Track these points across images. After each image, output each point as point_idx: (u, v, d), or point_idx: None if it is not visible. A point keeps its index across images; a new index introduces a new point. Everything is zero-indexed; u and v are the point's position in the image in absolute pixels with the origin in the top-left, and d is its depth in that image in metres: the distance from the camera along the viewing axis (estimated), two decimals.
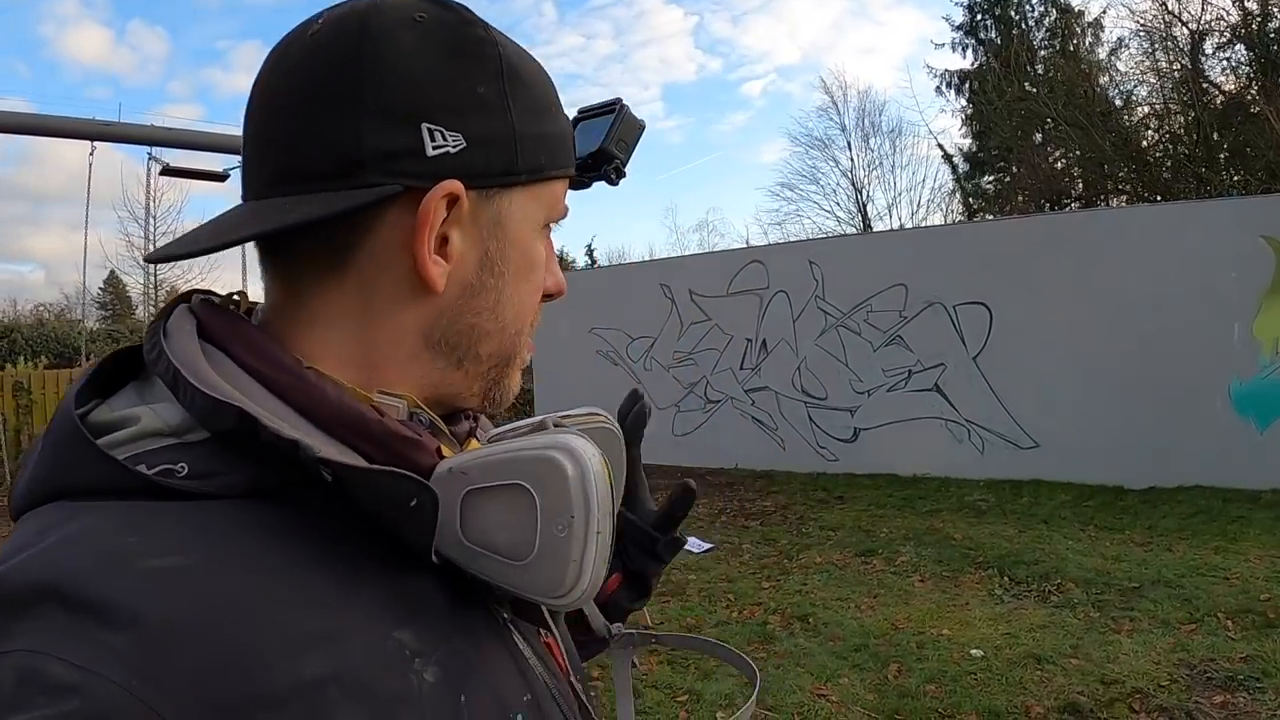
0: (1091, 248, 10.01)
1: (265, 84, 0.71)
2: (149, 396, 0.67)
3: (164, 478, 0.60)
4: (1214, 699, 4.56)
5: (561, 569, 0.65)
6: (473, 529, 0.66)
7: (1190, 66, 19.67)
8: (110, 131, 6.44)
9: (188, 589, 0.54)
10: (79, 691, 0.48)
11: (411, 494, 0.63)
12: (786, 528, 9.21)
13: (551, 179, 0.77)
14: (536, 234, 0.78)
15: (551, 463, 0.66)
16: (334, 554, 0.62)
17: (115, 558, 0.54)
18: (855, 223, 29.51)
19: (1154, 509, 8.73)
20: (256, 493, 0.62)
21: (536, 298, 0.81)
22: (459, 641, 0.67)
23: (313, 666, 0.55)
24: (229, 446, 0.62)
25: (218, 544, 0.58)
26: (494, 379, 0.80)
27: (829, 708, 4.73)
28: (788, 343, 12.51)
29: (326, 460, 0.60)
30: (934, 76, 27.75)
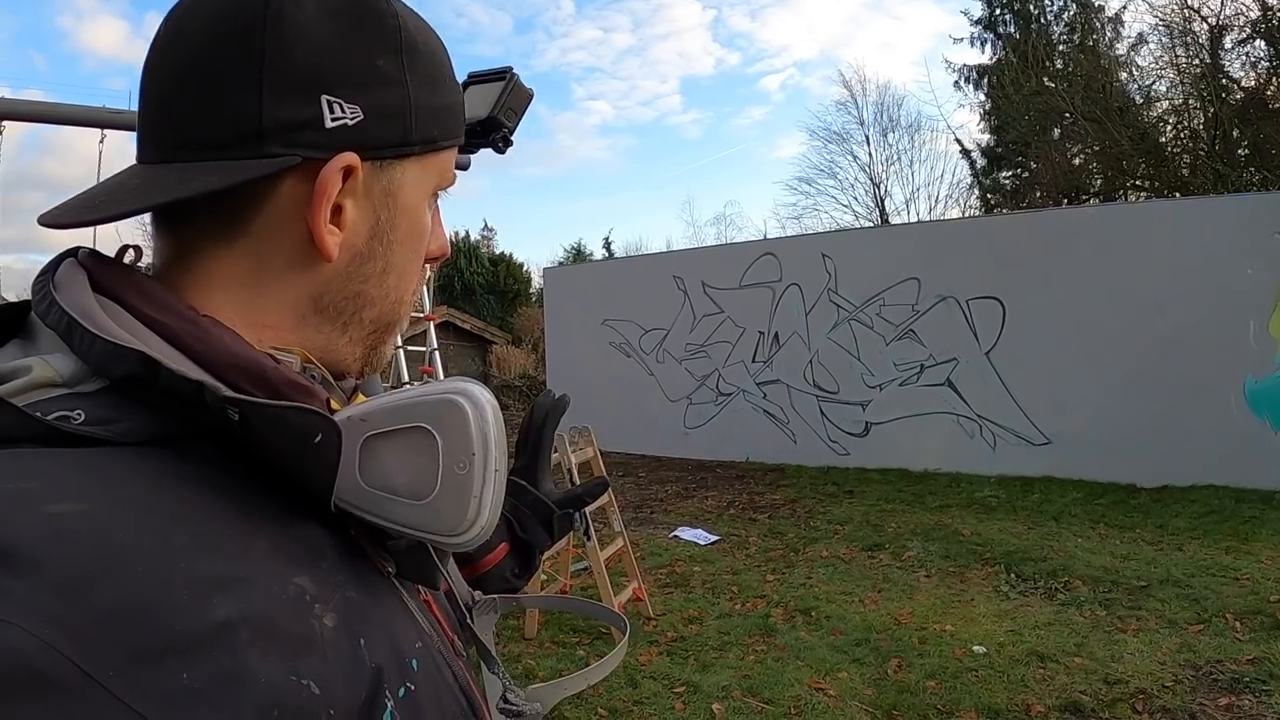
0: (1106, 243, 9.93)
1: (165, 45, 0.71)
2: (34, 350, 0.65)
3: (60, 423, 0.59)
4: (1219, 701, 4.50)
5: (464, 505, 0.68)
6: (372, 473, 0.67)
7: (1210, 62, 19.50)
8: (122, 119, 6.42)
9: (92, 534, 0.52)
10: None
11: (317, 429, 0.65)
12: (794, 521, 9.18)
13: (443, 149, 0.80)
14: (425, 202, 0.80)
15: (453, 404, 0.68)
16: (233, 502, 0.62)
17: (15, 504, 0.52)
18: (873, 217, 29.43)
19: (1166, 508, 8.66)
20: (154, 440, 0.61)
21: (419, 264, 0.83)
22: (353, 590, 0.67)
23: (223, 609, 0.54)
24: (126, 393, 0.61)
25: (117, 489, 0.56)
26: (373, 344, 0.82)
27: (826, 701, 4.69)
28: (800, 336, 12.46)
29: (233, 399, 0.61)
30: (952, 71, 27.64)
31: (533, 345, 25.11)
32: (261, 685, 0.53)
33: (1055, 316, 10.20)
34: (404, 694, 0.65)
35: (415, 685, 0.68)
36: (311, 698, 0.56)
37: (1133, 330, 9.71)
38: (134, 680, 0.48)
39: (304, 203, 0.69)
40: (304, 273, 0.73)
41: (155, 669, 0.49)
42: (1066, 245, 10.18)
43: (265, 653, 0.54)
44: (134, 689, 0.48)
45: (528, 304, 30.62)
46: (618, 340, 14.47)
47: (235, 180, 0.65)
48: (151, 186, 0.68)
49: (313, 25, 0.68)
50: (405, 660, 0.68)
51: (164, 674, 0.49)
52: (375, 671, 0.63)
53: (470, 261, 31.16)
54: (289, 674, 0.55)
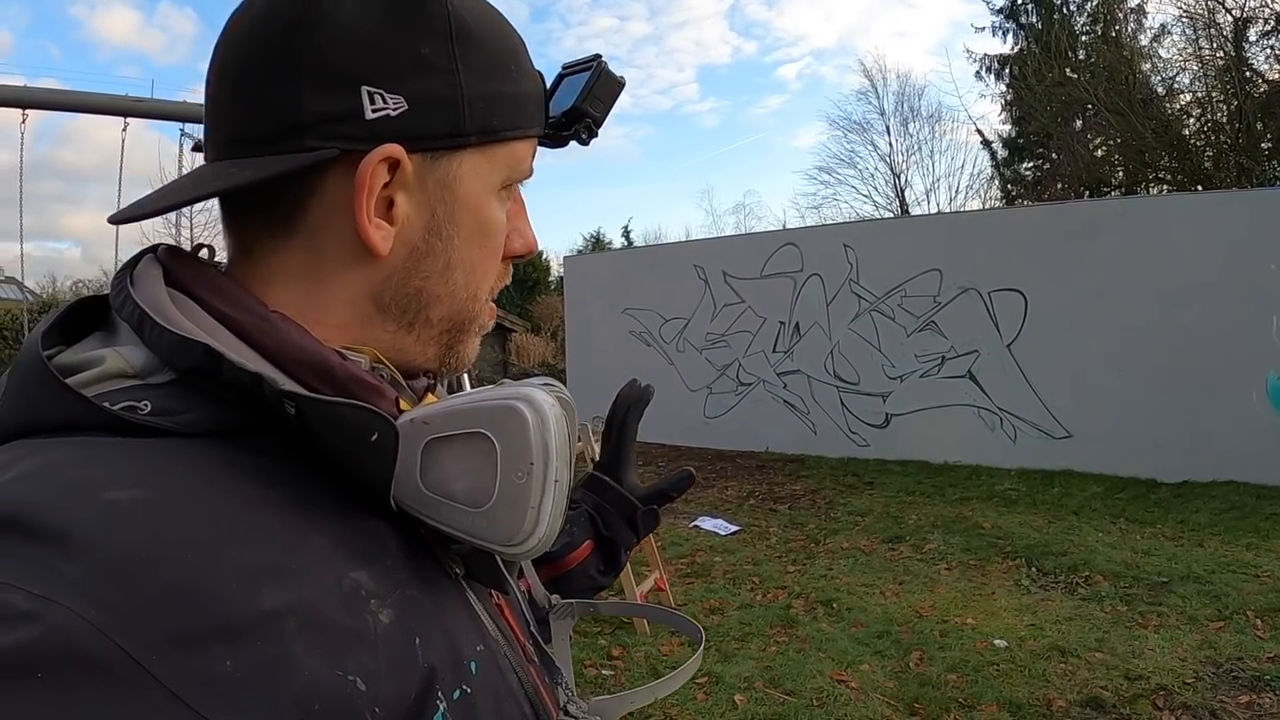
0: (1129, 236, 9.89)
1: (220, 49, 0.72)
2: (113, 342, 0.67)
3: (127, 414, 0.60)
4: (1239, 699, 4.52)
5: (520, 515, 0.67)
6: (432, 477, 0.68)
7: (1233, 54, 19.36)
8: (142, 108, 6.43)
9: (145, 521, 0.53)
10: (37, 619, 0.47)
11: (373, 427, 0.64)
12: (815, 512, 9.21)
13: (509, 139, 0.77)
14: (492, 195, 0.78)
15: (513, 410, 0.68)
16: (292, 495, 0.63)
17: (75, 489, 0.54)
18: (893, 208, 29.33)
19: (1186, 503, 8.64)
20: (218, 432, 0.62)
21: (493, 261, 0.81)
22: (414, 588, 0.67)
23: (270, 599, 0.54)
24: (193, 386, 0.63)
25: (176, 478, 0.58)
26: (447, 344, 0.81)
27: (848, 694, 4.73)
28: (821, 326, 12.46)
29: (290, 393, 0.61)
30: (973, 61, 27.46)
31: (552, 333, 25.19)
32: (305, 677, 0.53)
33: (1077, 309, 10.17)
34: (459, 696, 0.65)
35: (472, 689, 0.67)
36: (356, 694, 0.56)
37: (1155, 324, 9.67)
38: (177, 665, 0.49)
39: (350, 197, 0.69)
40: (360, 269, 0.73)
41: (198, 655, 0.50)
42: (1089, 238, 10.15)
43: (312, 645, 0.55)
44: (176, 673, 0.49)
45: (547, 292, 30.68)
46: (638, 329, 14.49)
47: (269, 173, 0.66)
48: (204, 181, 0.70)
49: (352, 16, 0.68)
50: (463, 663, 0.68)
51: (207, 660, 0.50)
52: (428, 671, 0.63)
53: None
54: (335, 668, 0.56)
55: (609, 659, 5.28)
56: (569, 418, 0.79)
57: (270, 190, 0.69)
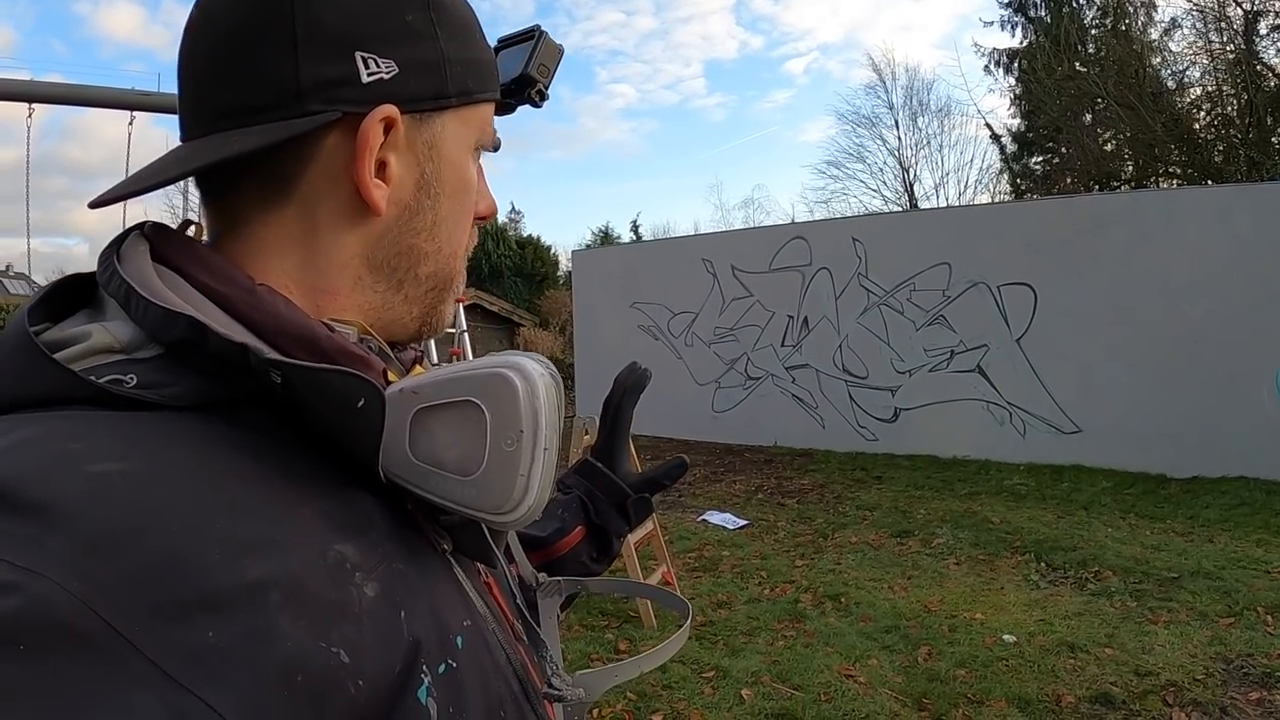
0: (1139, 230, 9.86)
1: (198, 22, 0.73)
2: (100, 319, 0.67)
3: (113, 386, 0.61)
4: (1250, 695, 4.50)
5: (510, 483, 0.67)
6: (421, 447, 0.68)
7: (1244, 48, 19.29)
8: (148, 101, 6.45)
9: (128, 493, 0.54)
10: (20, 590, 0.47)
11: (359, 394, 0.64)
12: (823, 506, 9.20)
13: (480, 102, 0.81)
14: (468, 156, 0.82)
15: (502, 378, 0.68)
16: (278, 468, 0.63)
17: (59, 462, 0.54)
18: (902, 202, 29.33)
19: (1196, 499, 8.62)
20: (204, 405, 0.63)
21: (469, 219, 0.85)
22: (401, 562, 0.67)
23: (253, 570, 0.54)
24: (179, 359, 0.63)
25: (160, 451, 0.58)
26: (431, 303, 0.83)
27: (856, 688, 4.72)
28: (829, 320, 12.44)
29: (275, 361, 0.62)
30: (982, 55, 27.39)
31: (560, 328, 25.20)
32: (288, 649, 0.54)
33: (1087, 304, 10.14)
34: (444, 670, 0.65)
35: (458, 663, 0.68)
36: (340, 665, 0.56)
37: (1164, 319, 9.64)
38: (159, 635, 0.49)
39: (349, 158, 0.71)
40: (354, 230, 0.75)
41: (181, 625, 0.50)
42: (1099, 232, 10.12)
43: (295, 617, 0.55)
44: (159, 644, 0.49)
45: (555, 286, 30.69)
46: (646, 323, 14.49)
47: (280, 137, 0.68)
48: (195, 155, 0.71)
49: None
50: (450, 637, 0.68)
51: (189, 631, 0.50)
52: (412, 645, 0.63)
53: (498, 244, 31.26)
54: (318, 639, 0.56)
55: (616, 653, 5.27)
56: (558, 388, 0.78)
57: (265, 159, 0.70)
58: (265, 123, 0.69)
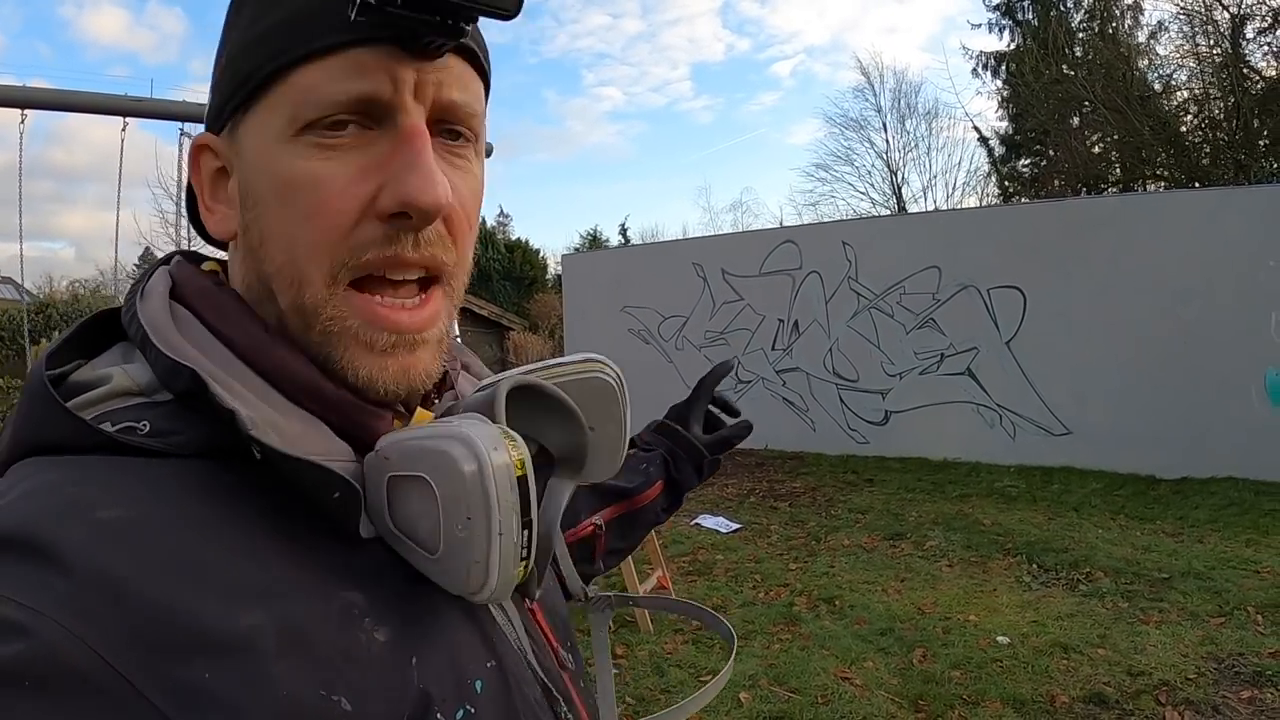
0: (1127, 233, 9.92)
1: None
2: (131, 356, 0.69)
3: (125, 435, 0.61)
4: (1241, 694, 4.54)
5: (465, 569, 0.62)
6: (399, 515, 0.65)
7: (1231, 51, 19.41)
8: (142, 107, 6.43)
9: (133, 539, 0.55)
10: (25, 630, 0.49)
11: (334, 487, 0.62)
12: (815, 509, 9.22)
13: (276, 76, 0.66)
14: (282, 145, 0.66)
15: (446, 457, 0.61)
16: (283, 516, 0.63)
17: (68, 508, 0.56)
18: (890, 205, 29.38)
19: (1185, 500, 8.67)
20: (212, 453, 0.63)
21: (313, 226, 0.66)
22: (415, 606, 0.66)
23: (250, 617, 0.55)
24: (189, 407, 0.63)
25: (166, 498, 0.59)
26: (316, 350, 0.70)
27: (852, 691, 4.75)
28: (820, 324, 12.48)
29: (256, 439, 0.60)
30: (970, 58, 27.56)
31: (549, 331, 25.20)
32: (283, 696, 0.54)
33: (1076, 306, 10.20)
34: (461, 715, 0.65)
35: (476, 708, 0.66)
36: (340, 713, 0.57)
37: (1153, 321, 9.69)
38: (158, 678, 0.51)
39: None
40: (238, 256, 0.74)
41: (179, 669, 0.52)
42: (1088, 235, 10.17)
43: (294, 664, 0.56)
44: (157, 686, 0.51)
45: (544, 290, 30.71)
46: (636, 327, 14.49)
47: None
48: None
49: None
50: (467, 682, 0.67)
51: (187, 674, 0.52)
52: (424, 692, 0.63)
53: (486, 248, 31.24)
54: (318, 687, 0.56)
55: (614, 657, 5.29)
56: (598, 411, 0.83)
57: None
58: None
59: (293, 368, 0.68)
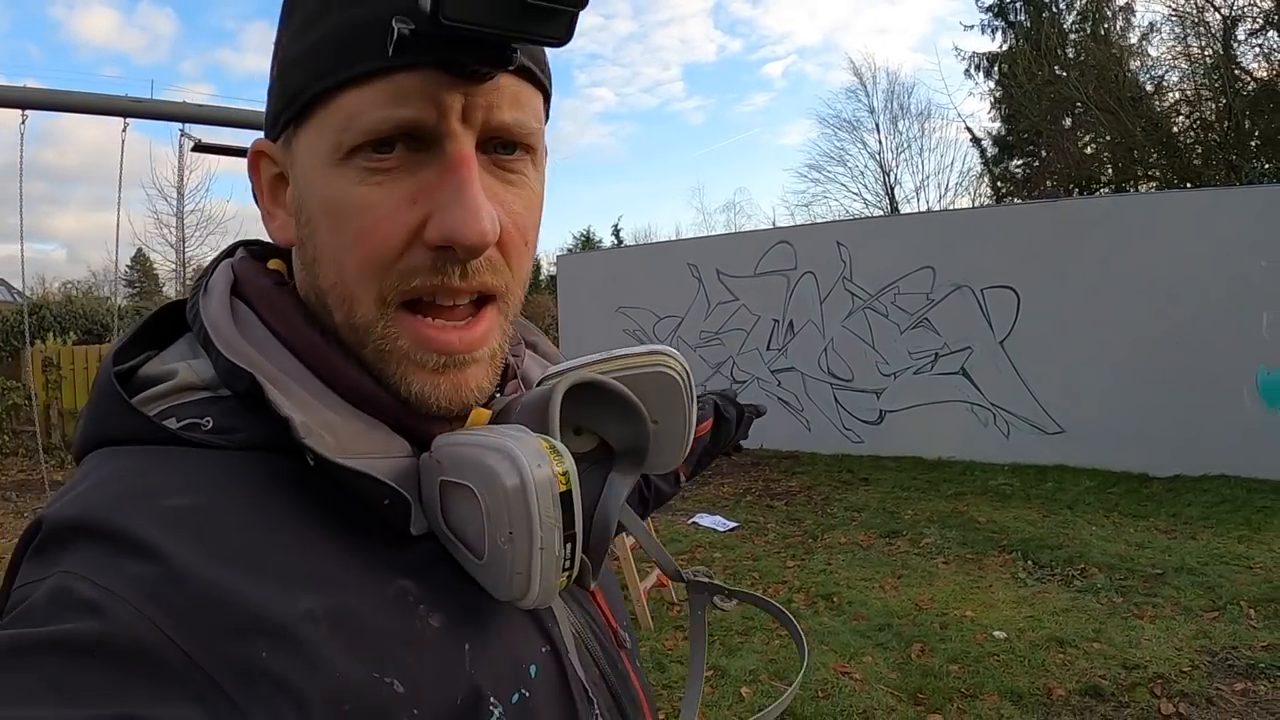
0: (1120, 233, 9.97)
1: None
2: (197, 350, 0.72)
3: (189, 431, 0.65)
4: (1235, 686, 4.61)
5: (508, 578, 0.62)
6: (451, 517, 0.66)
7: (1222, 52, 19.48)
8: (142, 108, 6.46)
9: (196, 526, 0.58)
10: (99, 608, 0.53)
11: (384, 495, 0.64)
12: (811, 508, 9.28)
13: (322, 97, 0.65)
14: (329, 169, 0.66)
15: (490, 470, 0.62)
16: (339, 509, 0.65)
17: (136, 497, 0.60)
18: (883, 205, 29.47)
19: (1178, 497, 8.73)
20: (273, 446, 0.65)
21: (359, 254, 0.67)
22: (467, 595, 0.67)
23: (308, 601, 0.58)
24: (248, 406, 0.66)
25: (227, 489, 0.62)
26: (371, 361, 0.71)
27: (852, 685, 4.81)
28: (814, 324, 12.52)
29: (308, 447, 0.62)
30: (962, 59, 27.62)
31: (544, 331, 25.15)
32: (337, 677, 0.57)
33: (1069, 306, 10.25)
34: (517, 699, 0.67)
35: (531, 691, 0.68)
36: (393, 695, 0.59)
37: (1146, 321, 9.75)
38: (220, 657, 0.54)
39: None
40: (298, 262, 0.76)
41: (240, 649, 0.54)
42: (1081, 235, 10.22)
43: (348, 647, 0.58)
44: (219, 665, 0.54)
45: (538, 290, 30.65)
46: (631, 327, 14.51)
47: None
48: None
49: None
50: (522, 666, 0.69)
51: (246, 655, 0.54)
52: (477, 675, 0.65)
53: None
54: (371, 670, 0.59)
55: None
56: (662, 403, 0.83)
57: None
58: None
59: (349, 376, 0.70)
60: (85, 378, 15.80)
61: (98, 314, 21.31)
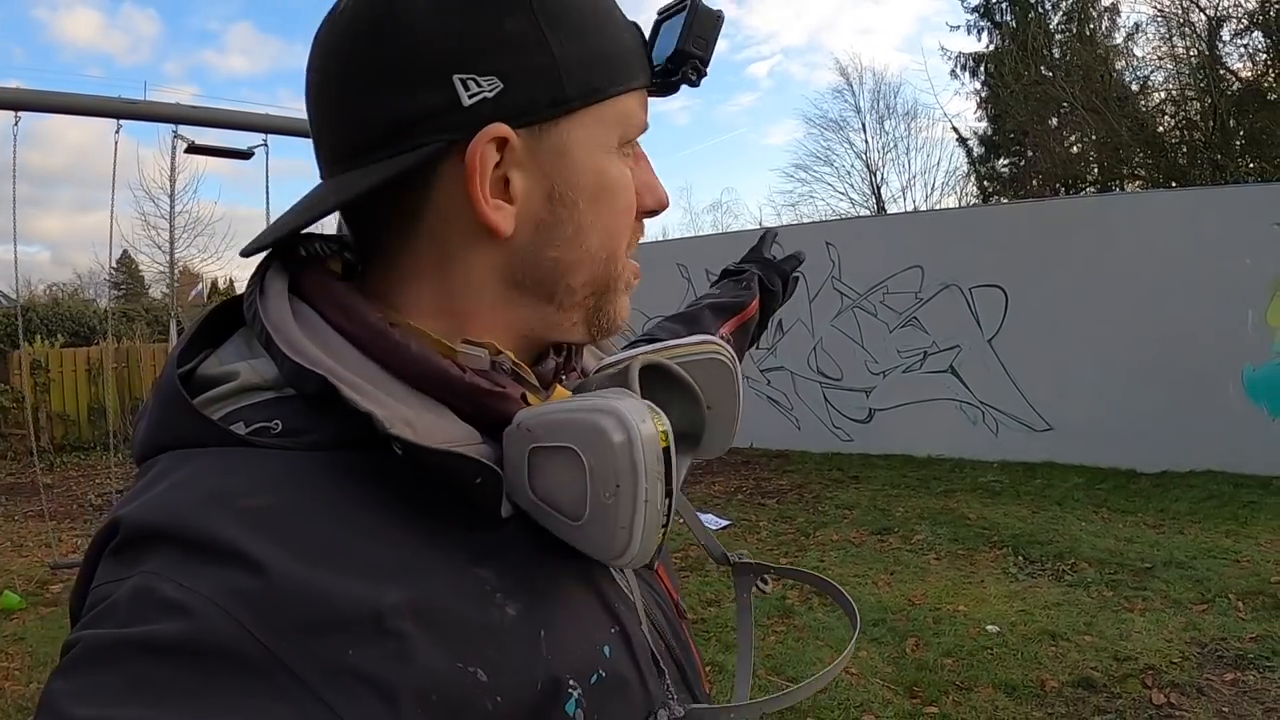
0: (1107, 232, 10.04)
1: (310, 71, 0.75)
2: (255, 349, 0.72)
3: (259, 435, 0.66)
4: (1224, 677, 4.68)
5: (610, 534, 0.65)
6: (539, 484, 0.68)
7: (1207, 52, 19.63)
8: (136, 109, 6.47)
9: (275, 525, 0.59)
10: (187, 610, 0.54)
11: (475, 473, 0.66)
12: (803, 506, 9.33)
13: (615, 95, 0.76)
14: (609, 155, 0.77)
15: (598, 430, 0.65)
16: (415, 500, 0.66)
17: (215, 499, 0.60)
18: (869, 205, 29.54)
19: (1166, 493, 8.81)
20: (342, 444, 0.66)
21: (625, 220, 0.80)
22: (540, 582, 0.70)
23: (391, 595, 0.59)
24: (317, 405, 0.66)
25: (302, 487, 0.63)
26: (594, 307, 0.81)
27: (849, 679, 4.86)
28: (804, 323, 12.55)
29: (395, 436, 0.63)
30: (948, 59, 27.61)
31: None
32: (423, 669, 0.58)
33: (1057, 305, 10.30)
34: (595, 680, 0.69)
35: (607, 672, 0.70)
36: (476, 684, 0.60)
37: (1133, 319, 9.81)
38: (306, 655, 0.55)
39: (465, 185, 0.70)
40: (487, 252, 0.74)
41: (325, 646, 0.55)
42: (1068, 234, 10.28)
43: (432, 639, 0.59)
44: (305, 663, 0.54)
45: None
46: None
47: (380, 178, 0.69)
48: (319, 201, 0.74)
49: (428, 9, 0.69)
50: (597, 648, 0.71)
51: (333, 651, 0.55)
52: (554, 661, 0.66)
53: None
54: (455, 660, 0.60)
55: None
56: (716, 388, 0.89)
57: (392, 193, 0.72)
58: (379, 161, 0.70)
59: (419, 358, 0.71)
60: (74, 380, 15.74)
61: (84, 316, 21.22)
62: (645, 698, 0.76)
